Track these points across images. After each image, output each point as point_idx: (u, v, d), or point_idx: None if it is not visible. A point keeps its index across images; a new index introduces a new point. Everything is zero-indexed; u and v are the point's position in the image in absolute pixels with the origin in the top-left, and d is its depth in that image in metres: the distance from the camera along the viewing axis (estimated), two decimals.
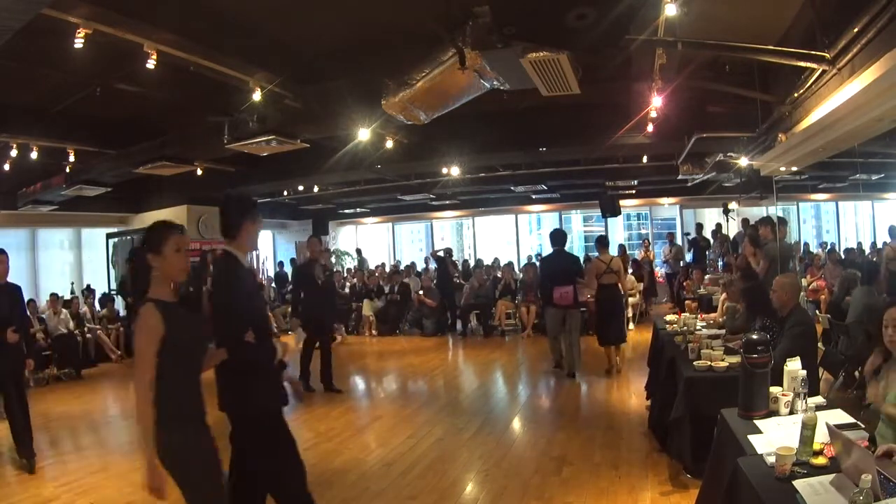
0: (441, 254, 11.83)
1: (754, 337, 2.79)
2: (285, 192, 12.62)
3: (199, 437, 2.31)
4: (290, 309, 11.06)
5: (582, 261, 9.02)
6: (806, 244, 13.84)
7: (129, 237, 11.57)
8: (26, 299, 5.28)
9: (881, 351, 2.68)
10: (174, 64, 5.00)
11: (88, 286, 10.95)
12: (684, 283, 10.22)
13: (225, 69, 5.29)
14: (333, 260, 15.06)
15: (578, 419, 5.36)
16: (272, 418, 2.74)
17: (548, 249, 9.41)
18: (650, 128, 6.63)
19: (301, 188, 12.16)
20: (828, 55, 3.82)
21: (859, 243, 13.65)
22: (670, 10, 3.63)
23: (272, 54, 5.50)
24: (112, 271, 11.68)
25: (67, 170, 8.66)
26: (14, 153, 7.50)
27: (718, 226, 12.31)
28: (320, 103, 6.28)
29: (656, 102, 5.45)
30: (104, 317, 9.85)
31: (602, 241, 7.44)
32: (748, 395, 2.71)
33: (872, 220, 14.98)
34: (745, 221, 10.36)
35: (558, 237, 7.17)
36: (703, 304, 7.64)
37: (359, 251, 16.09)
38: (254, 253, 14.16)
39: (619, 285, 7.16)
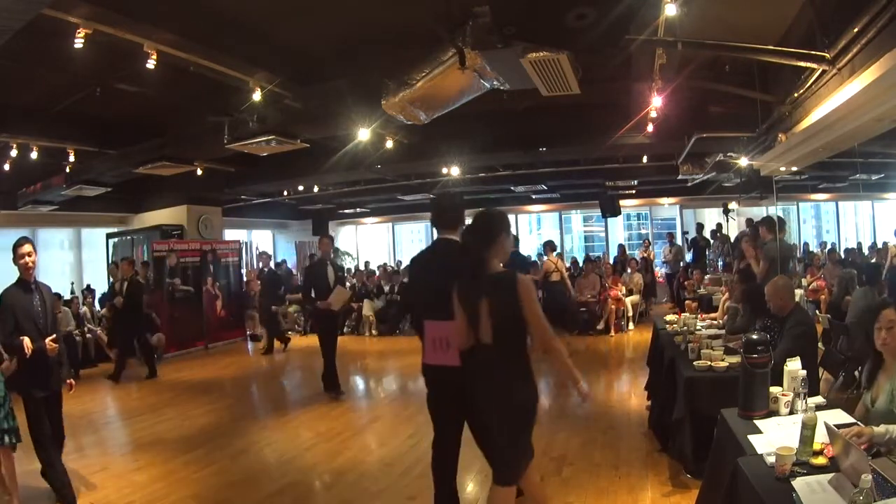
0: None
1: (754, 337, 2.79)
2: (285, 192, 12.63)
3: None
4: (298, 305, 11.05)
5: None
6: (806, 244, 13.83)
7: (128, 237, 11.55)
8: None
9: (875, 356, 2.62)
10: (174, 64, 5.01)
11: (88, 286, 10.93)
12: (684, 283, 10.21)
13: (225, 69, 5.30)
14: (348, 261, 15.12)
15: (578, 419, 5.34)
16: None
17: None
18: (650, 128, 6.63)
19: (301, 188, 12.16)
20: (828, 55, 3.82)
21: (859, 243, 13.63)
22: (670, 10, 3.64)
23: (272, 54, 5.51)
24: None
25: (67, 170, 8.66)
26: (14, 153, 7.49)
27: (719, 226, 12.32)
28: (320, 103, 6.28)
29: (656, 102, 5.45)
30: (104, 317, 9.84)
31: (549, 245, 9.25)
32: (748, 395, 2.71)
33: (872, 220, 14.97)
34: (748, 221, 10.35)
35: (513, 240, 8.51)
36: (703, 304, 7.63)
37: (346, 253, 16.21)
38: (253, 252, 13.93)
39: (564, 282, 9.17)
